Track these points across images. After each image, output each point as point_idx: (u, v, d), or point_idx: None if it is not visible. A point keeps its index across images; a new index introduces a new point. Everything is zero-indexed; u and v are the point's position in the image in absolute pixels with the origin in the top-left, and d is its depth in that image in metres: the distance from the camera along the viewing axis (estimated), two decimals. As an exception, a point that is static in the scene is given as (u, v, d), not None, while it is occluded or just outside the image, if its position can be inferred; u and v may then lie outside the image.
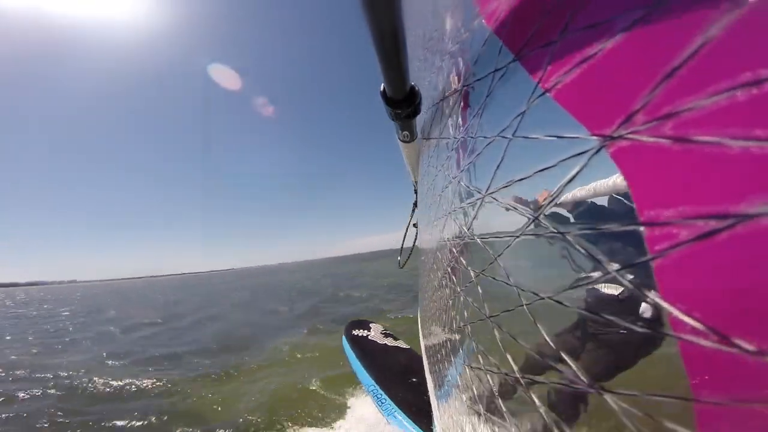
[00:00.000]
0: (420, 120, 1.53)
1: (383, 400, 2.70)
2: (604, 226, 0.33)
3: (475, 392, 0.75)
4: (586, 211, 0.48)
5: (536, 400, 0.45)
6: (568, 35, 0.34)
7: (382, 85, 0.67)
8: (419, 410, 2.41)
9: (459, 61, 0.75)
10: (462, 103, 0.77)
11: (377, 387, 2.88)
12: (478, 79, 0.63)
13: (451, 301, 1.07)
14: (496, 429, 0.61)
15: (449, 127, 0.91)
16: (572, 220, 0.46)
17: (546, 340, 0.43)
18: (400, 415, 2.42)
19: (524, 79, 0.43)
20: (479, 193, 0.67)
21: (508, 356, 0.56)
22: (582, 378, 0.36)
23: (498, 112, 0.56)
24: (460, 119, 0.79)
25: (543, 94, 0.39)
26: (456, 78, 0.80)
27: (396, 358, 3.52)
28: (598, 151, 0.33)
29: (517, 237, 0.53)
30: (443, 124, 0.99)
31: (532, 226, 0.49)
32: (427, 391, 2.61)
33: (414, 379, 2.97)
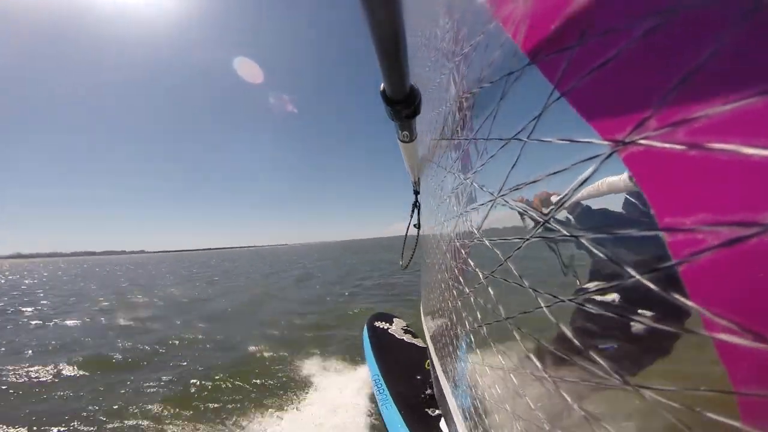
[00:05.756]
0: (425, 120, 1.53)
1: (382, 390, 2.94)
2: (622, 231, 0.33)
3: (499, 391, 0.75)
4: (584, 213, 0.47)
5: (567, 397, 0.46)
6: (587, 40, 0.34)
7: (382, 84, 0.68)
8: (411, 407, 2.65)
9: (472, 64, 0.76)
10: (475, 105, 0.77)
11: (380, 377, 3.12)
12: (492, 82, 0.63)
13: (460, 302, 1.07)
14: (526, 425, 0.62)
15: (461, 129, 0.92)
16: (572, 222, 0.46)
17: (571, 339, 0.43)
18: (392, 408, 2.67)
19: (540, 83, 0.43)
20: (491, 194, 0.67)
21: (531, 356, 0.56)
22: (615, 376, 0.37)
23: (512, 114, 0.56)
24: (472, 121, 0.79)
25: (559, 98, 0.40)
26: (468, 80, 0.80)
27: (408, 354, 3.70)
28: (609, 156, 0.33)
29: (527, 240, 0.53)
30: (454, 126, 0.99)
31: (541, 229, 0.49)
32: (427, 389, 2.74)
33: (418, 377, 3.13)
